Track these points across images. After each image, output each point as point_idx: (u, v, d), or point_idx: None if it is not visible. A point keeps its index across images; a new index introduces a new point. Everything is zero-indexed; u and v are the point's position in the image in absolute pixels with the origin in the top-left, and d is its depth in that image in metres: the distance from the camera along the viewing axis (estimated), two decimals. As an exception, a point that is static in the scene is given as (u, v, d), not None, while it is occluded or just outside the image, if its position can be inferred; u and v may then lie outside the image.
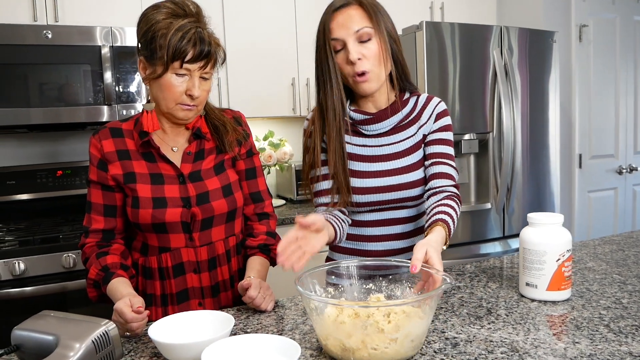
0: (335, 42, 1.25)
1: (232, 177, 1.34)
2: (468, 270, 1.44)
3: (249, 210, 1.40)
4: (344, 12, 1.25)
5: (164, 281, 1.28)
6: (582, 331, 0.99)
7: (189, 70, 1.18)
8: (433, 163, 1.32)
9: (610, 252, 1.58)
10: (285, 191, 3.05)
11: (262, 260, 1.33)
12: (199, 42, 1.16)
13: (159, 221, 1.24)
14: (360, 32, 1.23)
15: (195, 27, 1.17)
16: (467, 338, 0.98)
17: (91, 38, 2.33)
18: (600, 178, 3.50)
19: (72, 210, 2.66)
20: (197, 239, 1.28)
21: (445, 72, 2.53)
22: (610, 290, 1.23)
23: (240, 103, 2.75)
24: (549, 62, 2.84)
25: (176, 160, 1.29)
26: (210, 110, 1.35)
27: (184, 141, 1.32)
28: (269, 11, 2.78)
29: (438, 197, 1.27)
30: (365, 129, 1.35)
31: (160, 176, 1.27)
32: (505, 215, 2.76)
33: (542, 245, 1.15)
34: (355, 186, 1.32)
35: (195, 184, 1.28)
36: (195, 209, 1.26)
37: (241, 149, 1.36)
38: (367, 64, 1.24)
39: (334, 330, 0.89)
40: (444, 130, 1.36)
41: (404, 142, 1.35)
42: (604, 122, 3.49)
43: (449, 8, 3.20)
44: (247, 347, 0.90)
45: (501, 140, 2.68)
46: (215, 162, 1.33)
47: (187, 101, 1.20)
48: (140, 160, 1.27)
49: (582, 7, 3.30)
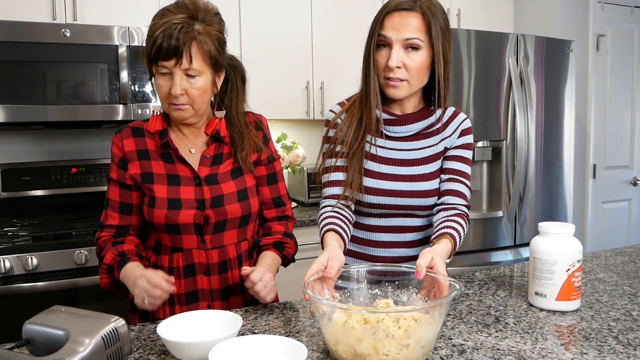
0: (382, 38, 1.23)
1: (249, 182, 1.34)
2: (477, 278, 1.43)
3: (270, 213, 1.41)
4: (403, 15, 1.21)
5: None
6: (591, 342, 0.99)
7: (167, 68, 1.16)
8: (449, 179, 1.32)
9: (621, 263, 1.56)
10: (297, 194, 3.06)
11: (274, 255, 1.33)
12: (167, 38, 1.13)
13: (172, 222, 1.24)
14: (409, 41, 1.20)
15: (172, 23, 1.14)
16: (475, 345, 0.98)
17: (109, 37, 2.36)
18: (614, 189, 3.46)
19: (85, 207, 2.69)
20: (208, 242, 1.28)
21: (460, 78, 2.52)
22: (621, 302, 1.22)
23: (253, 105, 2.75)
24: (565, 71, 2.82)
25: (194, 162, 1.29)
26: (233, 116, 1.33)
27: (202, 144, 1.32)
28: (284, 15, 2.80)
29: (448, 212, 1.27)
30: (388, 129, 1.33)
31: (177, 177, 1.27)
32: (517, 223, 2.74)
33: (552, 255, 1.14)
34: (368, 186, 1.31)
35: (211, 187, 1.28)
36: (208, 212, 1.26)
37: (262, 155, 1.35)
38: (404, 73, 1.22)
39: (344, 335, 0.89)
40: (465, 148, 1.35)
41: (425, 150, 1.34)
42: (620, 132, 3.46)
43: (466, 15, 3.19)
44: (254, 348, 0.90)
45: (515, 148, 2.66)
46: (233, 166, 1.32)
47: (174, 101, 1.19)
48: (158, 161, 1.28)
49: (600, 17, 3.28)
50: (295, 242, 1.42)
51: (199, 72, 1.19)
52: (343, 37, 2.90)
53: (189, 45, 1.15)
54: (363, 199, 1.32)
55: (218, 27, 1.24)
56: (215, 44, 1.21)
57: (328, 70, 2.89)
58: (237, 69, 1.38)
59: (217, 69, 1.25)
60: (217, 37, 1.22)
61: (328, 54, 2.88)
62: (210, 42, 1.19)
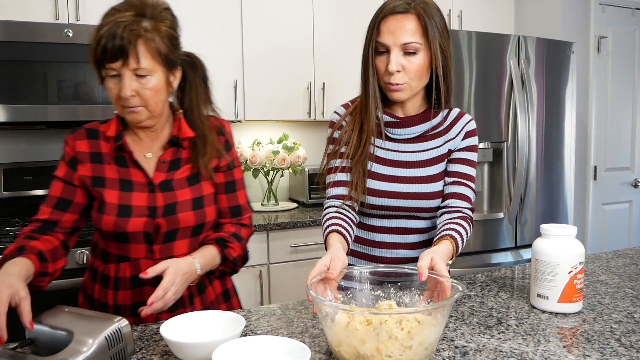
0: (380, 45, 1.23)
1: (207, 190, 1.28)
2: (479, 280, 1.43)
3: (226, 221, 1.34)
4: (398, 19, 1.20)
5: (118, 291, 1.24)
6: (593, 344, 0.99)
7: (115, 70, 1.10)
8: (453, 182, 1.32)
9: (623, 265, 1.56)
10: (298, 194, 3.06)
11: (214, 251, 1.25)
12: (111, 38, 1.07)
13: (121, 230, 1.19)
14: (407, 45, 1.20)
15: (117, 22, 1.08)
16: (477, 347, 0.98)
17: (111, 38, 2.36)
18: (615, 191, 3.46)
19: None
20: (157, 251, 1.22)
21: (461, 80, 2.52)
22: (623, 304, 1.22)
23: (255, 106, 2.77)
24: (566, 72, 2.83)
25: (149, 167, 1.24)
26: (195, 118, 1.26)
27: (159, 148, 1.26)
28: (286, 16, 2.80)
29: (451, 215, 1.27)
30: (390, 132, 1.33)
31: (129, 183, 1.22)
32: (518, 225, 2.74)
33: (554, 257, 1.14)
34: (371, 187, 1.31)
35: (164, 194, 1.22)
36: (160, 220, 1.20)
37: (222, 161, 1.29)
38: (404, 77, 1.22)
39: (347, 337, 0.89)
40: (470, 151, 1.35)
41: (428, 152, 1.33)
42: (621, 134, 3.46)
43: (467, 16, 3.20)
44: (257, 349, 0.90)
45: (516, 149, 2.66)
46: (191, 172, 1.26)
47: (126, 103, 1.13)
48: (112, 165, 1.22)
49: (601, 18, 3.28)
50: (244, 247, 1.34)
51: (150, 72, 1.12)
52: (344, 38, 2.90)
53: (134, 43, 1.09)
54: (366, 200, 1.33)
55: (169, 23, 1.17)
56: (165, 41, 1.14)
57: (329, 71, 2.90)
58: (197, 67, 1.31)
59: (171, 67, 1.18)
60: (168, 33, 1.15)
61: (329, 55, 2.89)
62: (160, 39, 1.13)
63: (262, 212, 2.80)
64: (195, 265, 1.19)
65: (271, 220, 2.56)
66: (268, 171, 2.86)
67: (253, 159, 2.76)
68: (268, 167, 2.83)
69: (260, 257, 2.51)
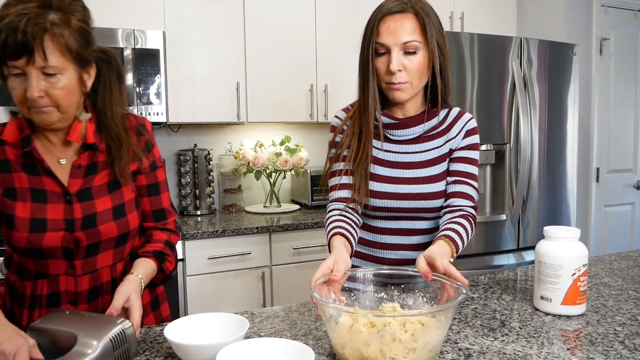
0: (380, 46, 1.23)
1: (127, 196, 1.18)
2: (482, 282, 1.43)
3: (150, 225, 1.26)
4: (397, 19, 1.21)
5: (34, 311, 1.14)
6: (597, 347, 0.99)
7: (19, 68, 0.99)
8: (456, 181, 1.32)
9: (626, 267, 1.56)
10: (300, 196, 3.06)
11: (153, 265, 1.19)
12: (12, 32, 0.95)
13: (36, 246, 1.08)
14: (408, 44, 1.20)
15: (19, 15, 0.96)
16: (480, 350, 0.98)
17: (113, 40, 2.37)
18: (618, 192, 3.46)
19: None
20: (79, 267, 1.13)
21: (463, 81, 2.52)
22: (626, 306, 1.21)
23: (258, 107, 2.78)
24: (568, 74, 2.83)
25: (63, 174, 1.12)
26: (108, 120, 1.16)
27: (74, 152, 1.14)
28: (289, 17, 2.81)
29: (453, 215, 1.27)
30: (391, 133, 1.34)
31: (43, 193, 1.10)
32: (520, 227, 2.74)
33: (558, 259, 1.14)
34: (373, 190, 1.31)
35: (83, 204, 1.11)
36: (79, 234, 1.10)
37: (143, 163, 1.20)
38: (406, 76, 1.23)
39: (350, 339, 0.89)
40: (471, 149, 1.35)
41: (430, 152, 1.34)
42: (623, 136, 3.45)
43: (469, 18, 3.20)
44: (261, 351, 0.90)
45: (518, 151, 2.66)
46: (110, 177, 1.16)
47: (34, 104, 1.01)
48: (20, 173, 1.10)
49: (603, 20, 3.28)
50: (176, 256, 1.29)
51: (59, 70, 1.01)
52: (347, 40, 2.90)
53: (40, 38, 0.97)
54: (369, 202, 1.33)
55: (80, 15, 1.04)
56: (76, 36, 1.02)
57: (332, 73, 2.90)
58: (112, 64, 1.18)
59: (84, 65, 1.06)
60: (79, 27, 1.03)
61: (332, 57, 2.89)
62: (70, 34, 1.01)
63: (264, 214, 2.80)
64: (141, 284, 1.13)
65: (273, 222, 2.56)
66: (270, 173, 2.86)
67: (255, 161, 2.76)
68: (270, 169, 2.83)
69: (262, 259, 2.51)
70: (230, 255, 2.44)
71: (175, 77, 2.60)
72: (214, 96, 2.68)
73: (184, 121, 2.66)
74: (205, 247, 2.40)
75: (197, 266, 2.39)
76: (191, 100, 2.64)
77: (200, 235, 2.37)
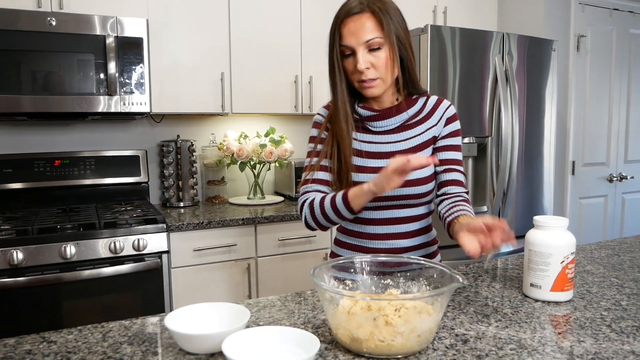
0: (345, 48, 1.28)
1: None
2: (471, 270, 1.47)
3: None
4: (356, 20, 1.27)
5: None
6: (586, 330, 1.02)
7: None
8: (446, 170, 1.37)
9: (606, 256, 1.62)
10: (284, 188, 3.06)
11: None
12: None
13: None
14: (370, 41, 1.25)
15: None
16: (477, 335, 1.01)
17: (96, 27, 2.32)
18: (592, 185, 3.57)
19: (69, 201, 2.65)
20: None
21: (445, 75, 2.56)
22: (610, 292, 1.26)
23: (242, 99, 2.76)
24: (547, 70, 2.89)
25: None
26: None
27: None
28: (274, 8, 2.80)
29: (452, 200, 1.33)
30: (372, 125, 1.38)
31: None
32: (500, 218, 2.80)
33: (547, 247, 1.18)
34: (359, 181, 1.33)
35: None
36: None
37: None
38: (374, 72, 1.28)
39: (345, 321, 0.91)
40: (454, 136, 1.40)
41: (412, 140, 1.37)
42: (597, 131, 3.56)
43: (452, 13, 3.24)
44: (265, 339, 0.91)
45: (499, 145, 2.72)
46: None
47: None
48: None
49: (581, 18, 3.36)
50: None
51: None
52: (331, 32, 2.91)
53: None
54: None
55: None
56: None
57: (316, 65, 2.90)
58: None
59: None
60: None
61: (317, 49, 2.89)
62: None
63: (248, 206, 2.80)
64: None
65: (258, 213, 2.56)
66: (255, 164, 2.86)
67: (240, 152, 2.75)
68: (255, 161, 2.82)
69: (248, 250, 2.51)
70: (215, 247, 2.43)
71: (159, 66, 2.57)
72: (198, 86, 2.65)
73: (168, 111, 2.63)
74: (191, 239, 2.38)
75: (182, 258, 2.37)
76: (175, 90, 2.61)
77: (185, 227, 2.35)
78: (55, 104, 2.29)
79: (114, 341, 1.00)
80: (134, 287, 2.24)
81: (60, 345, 0.98)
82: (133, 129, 2.89)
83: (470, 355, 0.92)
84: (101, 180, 2.71)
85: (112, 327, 1.08)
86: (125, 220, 2.28)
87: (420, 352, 0.93)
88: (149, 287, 2.27)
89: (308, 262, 2.64)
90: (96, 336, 1.02)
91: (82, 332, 1.05)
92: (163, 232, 2.29)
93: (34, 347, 0.97)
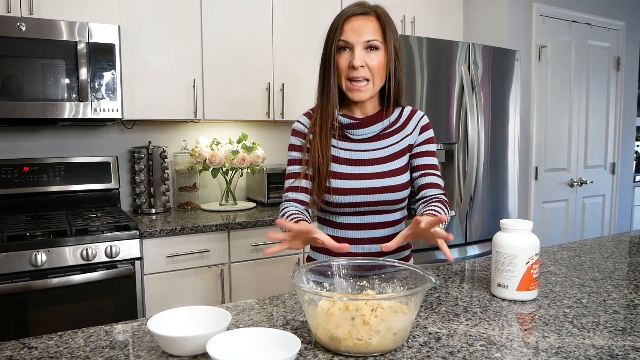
0: (343, 42, 1.32)
1: None
2: (441, 272, 1.53)
3: None
4: (360, 19, 1.32)
5: None
6: (550, 327, 1.09)
7: None
8: (422, 175, 1.43)
9: (568, 257, 1.70)
10: (256, 194, 3.08)
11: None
12: None
13: None
14: (370, 42, 1.31)
15: None
16: (449, 333, 1.06)
17: (66, 33, 2.30)
18: (554, 190, 3.71)
19: (38, 208, 2.60)
20: None
21: (413, 83, 2.64)
22: (571, 291, 1.34)
23: (215, 105, 2.78)
24: (510, 79, 3.01)
25: None
26: None
27: None
28: (246, 16, 2.82)
29: (428, 200, 1.39)
30: (351, 133, 1.42)
31: None
32: (467, 223, 2.89)
33: (513, 249, 1.24)
34: (337, 187, 1.38)
35: None
36: None
37: None
38: (367, 72, 1.32)
39: (324, 321, 0.95)
40: (429, 143, 1.46)
41: (388, 148, 1.42)
42: (558, 137, 3.71)
43: (419, 22, 3.33)
44: (248, 340, 0.94)
45: (466, 151, 2.81)
46: None
47: None
48: None
49: (542, 29, 3.51)
50: None
51: None
52: (303, 40, 2.95)
53: None
54: (332, 200, 1.39)
55: None
56: None
57: (288, 72, 2.94)
58: None
59: None
60: None
61: (288, 57, 2.93)
62: None
63: (220, 212, 2.80)
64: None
65: (231, 219, 2.57)
66: (227, 171, 2.87)
67: (212, 159, 2.76)
68: (227, 167, 2.84)
69: (221, 256, 2.52)
70: (189, 253, 2.43)
71: (131, 72, 2.56)
72: (170, 93, 2.65)
73: (140, 118, 2.62)
74: (164, 245, 2.38)
75: (155, 264, 2.36)
76: (147, 96, 2.61)
77: (158, 233, 2.34)
78: (25, 110, 2.26)
79: (95, 346, 1.01)
80: (106, 294, 2.22)
81: (41, 350, 0.98)
82: (104, 135, 2.86)
83: (443, 352, 0.97)
84: (71, 186, 2.67)
85: (92, 332, 1.09)
86: (96, 227, 2.26)
87: (396, 349, 0.97)
88: (121, 294, 2.25)
89: (281, 267, 2.67)
90: (77, 341, 1.03)
91: (62, 337, 1.05)
92: (136, 238, 2.28)
93: (15, 353, 0.97)
